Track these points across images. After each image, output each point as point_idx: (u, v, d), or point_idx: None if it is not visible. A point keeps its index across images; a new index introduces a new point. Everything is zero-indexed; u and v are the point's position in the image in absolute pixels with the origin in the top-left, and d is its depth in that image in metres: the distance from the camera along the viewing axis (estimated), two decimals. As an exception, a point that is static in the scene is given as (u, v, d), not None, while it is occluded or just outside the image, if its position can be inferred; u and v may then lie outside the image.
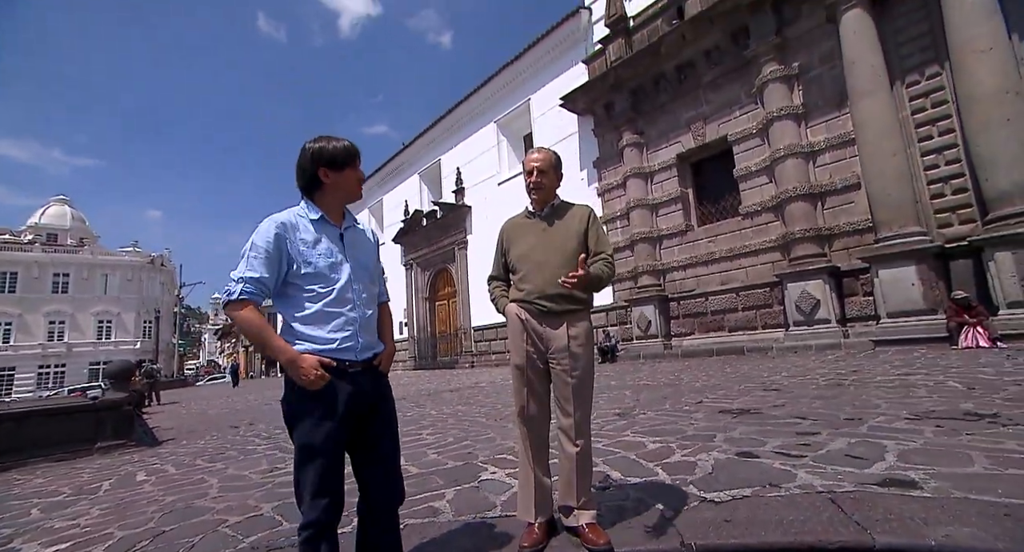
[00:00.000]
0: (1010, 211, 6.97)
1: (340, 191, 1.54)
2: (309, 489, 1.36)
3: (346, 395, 1.42)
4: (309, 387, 1.36)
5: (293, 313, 1.44)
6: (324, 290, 1.45)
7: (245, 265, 1.40)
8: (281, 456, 4.08)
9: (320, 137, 1.54)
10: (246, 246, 1.43)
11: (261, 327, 1.38)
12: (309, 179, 1.51)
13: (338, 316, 1.46)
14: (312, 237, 1.48)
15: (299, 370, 1.35)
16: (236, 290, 1.37)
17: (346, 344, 1.45)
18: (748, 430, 3.18)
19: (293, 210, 1.53)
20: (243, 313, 1.37)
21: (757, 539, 1.62)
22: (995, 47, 7.34)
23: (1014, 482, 1.90)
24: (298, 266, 1.44)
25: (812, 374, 5.64)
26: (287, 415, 1.43)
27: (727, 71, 11.03)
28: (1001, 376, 4.38)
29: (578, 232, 1.91)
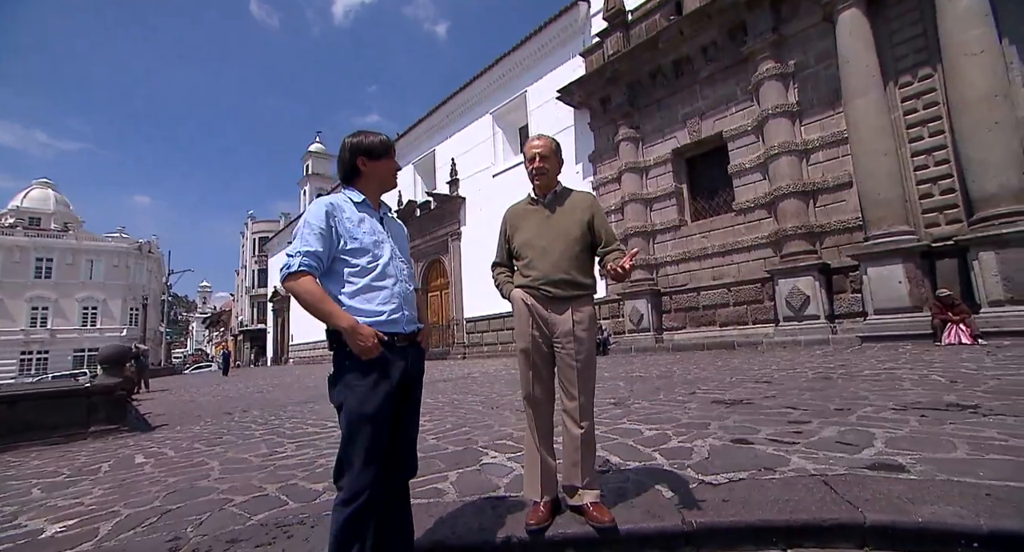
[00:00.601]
0: (995, 212, 7.15)
1: (377, 179, 1.66)
2: (361, 457, 1.41)
3: (398, 368, 1.51)
4: (365, 355, 1.42)
5: (340, 288, 1.51)
6: (370, 265, 1.54)
7: (300, 241, 1.47)
8: (279, 441, 4.11)
9: (358, 132, 1.67)
10: (300, 225, 1.52)
11: (321, 297, 1.44)
12: (349, 168, 1.64)
13: (384, 289, 1.54)
14: (357, 217, 1.58)
15: (358, 337, 1.41)
16: (295, 263, 1.44)
17: (393, 316, 1.53)
18: (741, 419, 3.28)
19: (338, 194, 1.63)
20: (303, 283, 1.43)
21: (755, 517, 1.70)
22: (986, 51, 7.47)
23: (994, 466, 2.00)
24: (345, 241, 1.52)
25: (801, 368, 5.78)
26: (340, 385, 1.47)
27: (723, 67, 11.10)
28: (982, 371, 4.53)
29: (582, 220, 1.96)
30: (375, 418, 1.44)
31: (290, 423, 5.17)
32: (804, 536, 1.66)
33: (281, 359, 36.71)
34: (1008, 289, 6.88)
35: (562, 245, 1.91)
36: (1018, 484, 1.81)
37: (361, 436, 1.42)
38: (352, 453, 1.42)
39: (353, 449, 1.42)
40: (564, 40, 15.67)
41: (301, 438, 4.14)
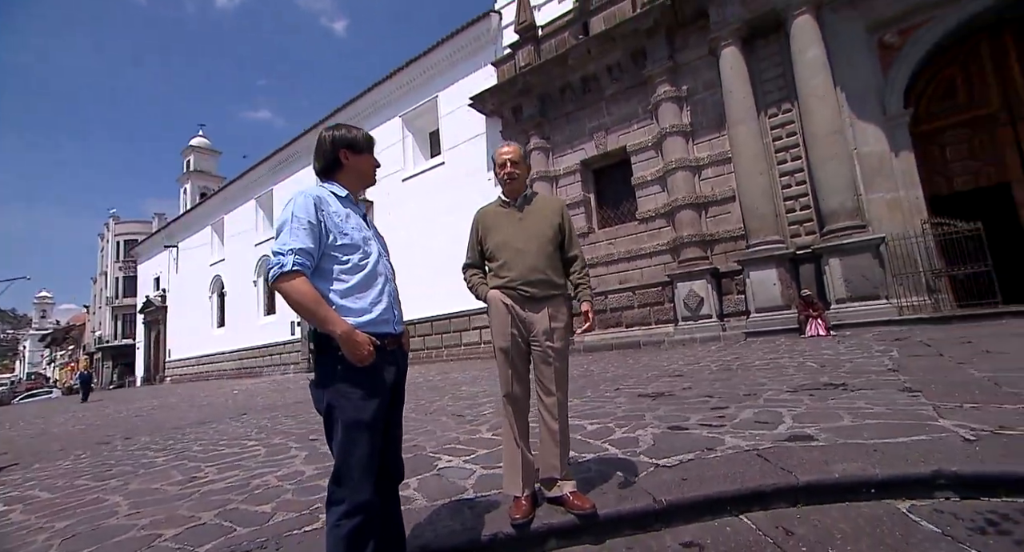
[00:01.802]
0: (838, 226, 8.61)
1: (358, 174, 1.60)
2: (359, 469, 1.35)
3: (390, 372, 1.48)
4: (360, 362, 1.36)
5: (330, 287, 1.43)
6: (361, 261, 1.48)
7: (290, 236, 1.37)
8: (194, 465, 3.68)
9: (338, 125, 1.61)
10: (284, 219, 1.41)
11: (317, 299, 1.35)
12: (331, 161, 1.57)
13: (375, 287, 1.49)
14: (343, 212, 1.51)
15: (355, 344, 1.35)
16: (288, 261, 1.34)
17: (384, 316, 1.49)
18: (669, 409, 3.62)
19: (320, 187, 1.54)
20: (296, 284, 1.34)
21: (712, 490, 1.93)
22: (827, 95, 9.00)
23: (872, 429, 2.46)
24: (334, 237, 1.45)
25: (704, 362, 6.46)
26: (329, 394, 1.39)
27: (627, 87, 12.04)
28: (838, 356, 5.44)
29: (553, 222, 2.08)
30: (372, 426, 1.41)
31: (198, 445, 4.63)
32: (751, 501, 1.92)
33: (155, 378, 32.30)
34: (849, 289, 8.32)
35: (537, 246, 2.01)
36: (892, 440, 2.25)
37: (359, 445, 1.38)
38: (350, 464, 1.37)
39: (351, 459, 1.37)
40: (476, 49, 15.89)
41: (220, 460, 3.75)
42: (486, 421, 4.05)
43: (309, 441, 4.02)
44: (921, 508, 1.82)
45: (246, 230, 24.60)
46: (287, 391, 10.59)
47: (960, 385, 3.32)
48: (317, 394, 1.43)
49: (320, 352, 1.42)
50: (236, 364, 24.49)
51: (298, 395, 9.20)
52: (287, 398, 8.85)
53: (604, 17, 12.32)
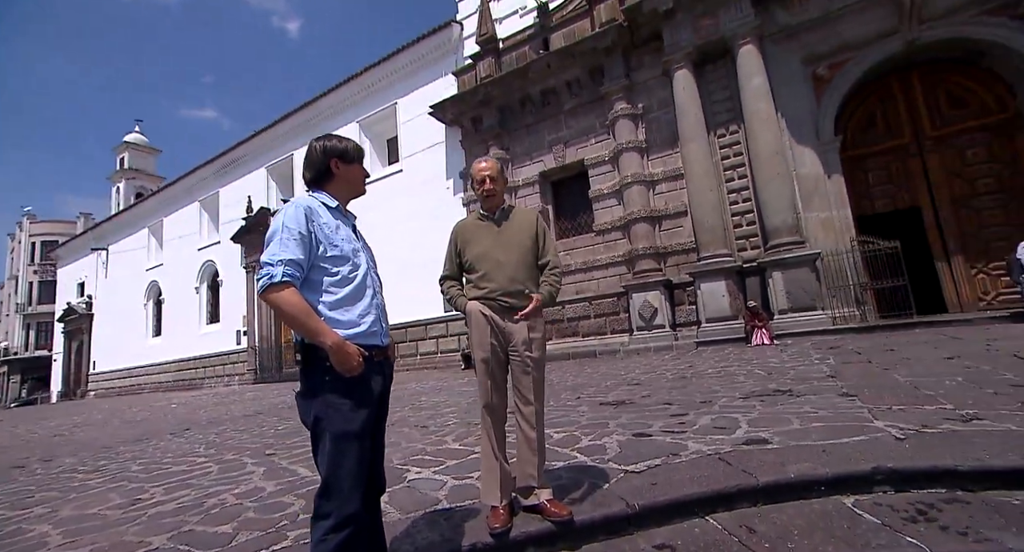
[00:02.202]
0: (780, 242, 9.23)
1: (348, 184, 1.62)
2: (348, 480, 1.35)
3: (377, 383, 1.49)
4: (349, 373, 1.37)
5: (319, 298, 1.43)
6: (351, 275, 1.49)
7: (280, 247, 1.37)
8: (136, 487, 3.43)
9: (328, 135, 1.64)
10: (274, 229, 1.42)
11: (308, 311, 1.35)
12: (322, 170, 1.58)
13: (364, 299, 1.50)
14: (333, 223, 1.52)
15: (345, 355, 1.35)
16: (277, 272, 1.34)
17: (373, 328, 1.50)
18: (631, 417, 3.74)
19: (310, 197, 1.55)
20: (286, 296, 1.34)
21: (681, 493, 2.03)
22: (769, 119, 9.68)
23: (819, 431, 2.66)
24: (324, 248, 1.45)
25: (660, 370, 6.70)
26: (317, 405, 1.38)
27: (585, 102, 12.42)
28: (783, 364, 5.81)
29: (530, 234, 2.15)
30: (361, 436, 1.41)
31: (137, 465, 4.32)
32: (716, 503, 2.03)
33: (76, 393, 29.64)
34: (790, 301, 8.91)
35: (516, 258, 2.07)
36: (837, 441, 2.45)
37: (349, 457, 1.38)
38: (340, 476, 1.36)
39: (341, 471, 1.36)
40: (437, 57, 15.91)
41: (166, 479, 3.52)
42: (451, 432, 4.03)
43: (265, 456, 3.85)
44: (863, 502, 2.00)
45: (189, 234, 23.22)
46: (233, 404, 10.03)
47: (888, 389, 3.64)
48: (304, 405, 1.42)
49: (307, 363, 1.42)
50: (173, 376, 22.92)
51: (246, 408, 8.75)
52: (234, 411, 8.38)
53: (564, 34, 12.70)
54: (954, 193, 9.67)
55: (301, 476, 3.08)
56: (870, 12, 9.53)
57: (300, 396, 1.43)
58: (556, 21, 13.08)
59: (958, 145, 9.73)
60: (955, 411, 2.85)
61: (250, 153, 20.89)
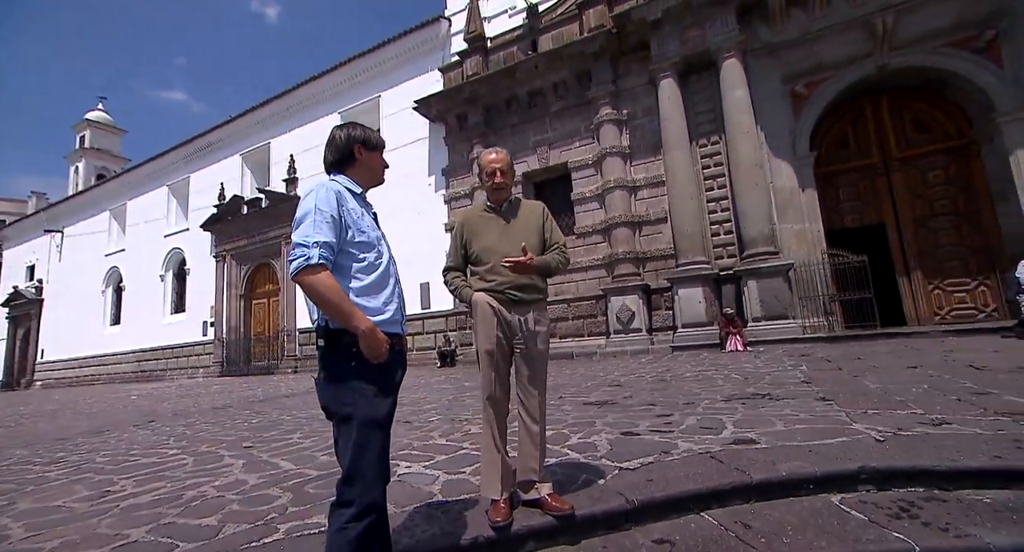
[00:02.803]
0: (756, 251, 9.52)
1: (370, 171, 1.62)
2: (373, 468, 1.35)
3: (399, 372, 1.51)
4: (378, 359, 1.37)
5: (348, 283, 1.42)
6: (376, 261, 1.49)
7: (314, 229, 1.36)
8: (104, 479, 3.26)
9: (351, 123, 1.65)
10: (306, 210, 1.40)
11: (342, 295, 1.34)
12: (345, 154, 1.58)
13: (388, 287, 1.51)
14: (358, 209, 1.52)
15: (377, 341, 1.35)
16: (314, 254, 1.32)
17: (396, 316, 1.50)
18: (617, 416, 3.78)
19: (334, 182, 1.53)
20: (323, 278, 1.32)
21: (677, 490, 2.06)
22: (750, 132, 9.99)
23: (803, 433, 2.76)
24: (352, 233, 1.45)
25: (638, 373, 6.80)
26: (343, 391, 1.37)
27: (571, 105, 12.52)
28: (759, 369, 5.99)
29: (537, 226, 2.15)
30: (385, 424, 1.43)
31: (102, 457, 4.10)
32: (710, 499, 2.07)
33: (20, 383, 28.01)
34: (764, 309, 9.20)
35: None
36: (821, 442, 2.54)
37: (373, 444, 1.38)
38: (364, 463, 1.36)
39: (365, 459, 1.36)
40: (423, 52, 15.77)
41: (137, 471, 3.36)
42: (435, 427, 3.99)
43: (244, 449, 3.72)
44: (849, 499, 2.07)
45: (155, 219, 22.27)
46: (200, 396, 9.66)
47: (862, 394, 3.80)
48: (328, 391, 1.41)
49: (332, 348, 1.41)
50: (133, 367, 21.92)
51: (214, 400, 8.45)
52: (202, 404, 8.08)
53: (552, 36, 12.78)
54: (916, 213, 10.17)
55: (284, 469, 2.99)
56: (846, 35, 9.94)
57: (324, 381, 1.42)
58: (545, 23, 13.15)
59: (920, 167, 10.24)
60: (925, 416, 2.99)
61: (224, 139, 20.22)
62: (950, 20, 9.32)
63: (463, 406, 5.20)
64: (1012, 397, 3.40)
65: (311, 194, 1.43)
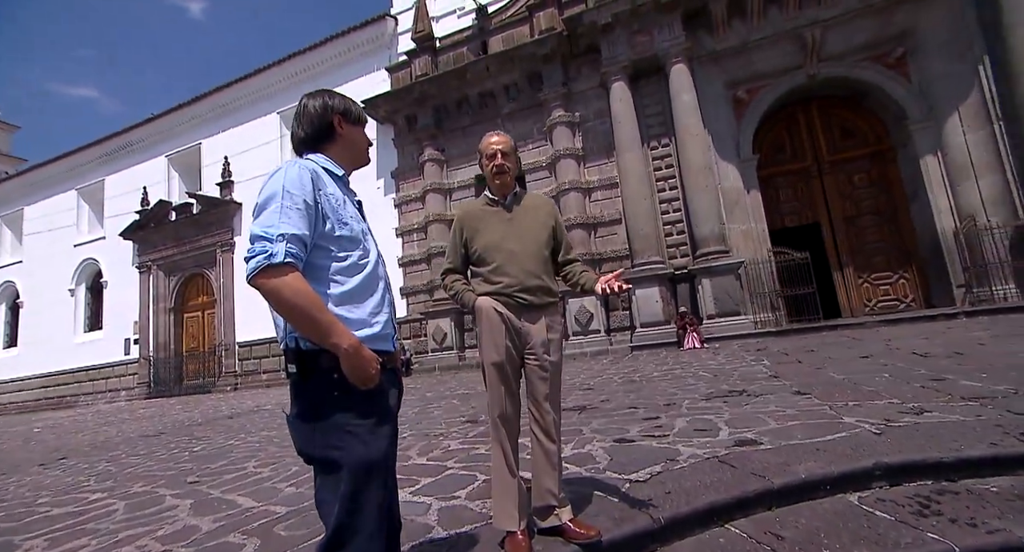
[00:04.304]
0: (708, 250, 9.83)
1: (351, 150, 1.32)
2: (372, 521, 1.06)
3: (393, 398, 1.22)
4: (366, 384, 1.08)
5: (325, 289, 1.12)
6: (362, 260, 1.20)
7: (280, 216, 1.05)
8: (4, 541, 2.70)
9: (325, 91, 1.33)
10: (271, 192, 1.09)
11: (318, 302, 1.04)
12: (322, 128, 1.27)
13: (376, 294, 1.21)
14: (339, 195, 1.22)
15: (364, 361, 1.06)
16: (278, 250, 1.01)
17: (386, 330, 1.21)
18: (602, 422, 3.64)
19: (309, 161, 1.21)
20: (290, 281, 1.01)
21: (702, 502, 1.92)
22: (699, 135, 10.34)
23: (799, 430, 2.72)
24: (332, 225, 1.15)
25: (606, 375, 6.75)
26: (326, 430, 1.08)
27: (523, 107, 12.47)
28: (723, 366, 6.10)
29: (546, 223, 1.95)
30: (383, 466, 1.13)
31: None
32: (733, 509, 1.95)
33: None
34: (717, 306, 9.50)
35: (533, 248, 1.86)
36: (822, 438, 2.51)
37: (371, 494, 1.09)
38: (359, 517, 1.06)
39: (360, 512, 1.07)
40: (369, 51, 15.23)
41: (47, 527, 2.78)
42: (410, 444, 3.68)
43: (189, 485, 3.22)
44: (867, 498, 2.02)
45: (62, 227, 19.99)
46: (125, 423, 8.63)
47: (834, 386, 3.89)
48: (305, 431, 1.10)
49: (307, 375, 1.10)
50: (36, 394, 19.47)
51: (144, 427, 7.55)
52: (127, 431, 7.19)
53: (503, 38, 12.69)
54: (845, 212, 10.93)
55: (244, 508, 2.58)
56: (779, 47, 10.55)
57: (299, 418, 1.11)
58: (495, 25, 13.05)
59: (848, 170, 11.03)
60: (903, 405, 3.06)
61: (146, 139, 18.53)
62: (867, 37, 10.12)
63: (432, 419, 4.90)
64: (966, 382, 3.58)
65: (278, 173, 1.13)
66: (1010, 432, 2.36)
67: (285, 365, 1.14)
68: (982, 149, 9.19)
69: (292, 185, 1.09)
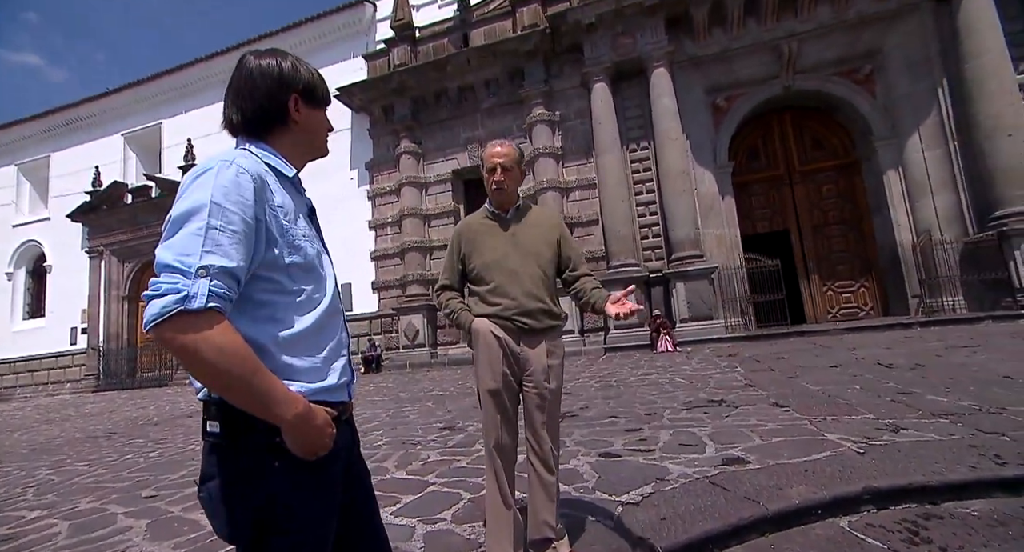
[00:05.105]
0: (683, 255, 9.97)
1: (308, 139, 1.00)
2: None
3: (343, 457, 0.92)
4: (317, 454, 0.82)
5: (267, 331, 0.83)
6: (317, 294, 0.91)
7: (203, 241, 0.74)
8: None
9: (275, 51, 0.98)
10: (196, 205, 0.76)
11: (249, 362, 0.74)
12: (272, 108, 0.93)
13: (335, 334, 0.94)
14: (290, 207, 0.90)
15: (315, 432, 0.80)
16: (198, 291, 0.71)
17: (343, 377, 0.93)
18: (585, 432, 3.59)
19: (248, 155, 0.88)
20: (214, 337, 0.71)
21: (699, 531, 1.87)
22: (677, 139, 10.46)
23: (784, 447, 2.73)
24: (281, 251, 0.85)
25: (581, 378, 6.73)
26: (259, 514, 0.80)
27: (503, 103, 12.32)
28: (698, 372, 6.17)
29: (550, 240, 1.85)
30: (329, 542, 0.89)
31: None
32: (729, 537, 1.91)
33: None
34: (690, 310, 9.66)
35: (534, 269, 1.76)
36: (808, 458, 2.52)
37: None
38: None
39: None
40: (345, 37, 14.75)
41: (-13, 547, 2.53)
42: (386, 455, 3.54)
43: (144, 500, 2.97)
44: (856, 523, 2.02)
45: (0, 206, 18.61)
46: (69, 421, 8.08)
47: (808, 397, 3.96)
48: (226, 512, 0.81)
49: (234, 437, 0.81)
50: (-31, 385, 18.13)
51: (91, 426, 7.07)
52: (72, 431, 6.72)
53: (485, 31, 12.49)
54: (814, 221, 11.28)
55: (208, 530, 2.39)
56: (757, 56, 10.76)
57: (221, 497, 0.81)
58: (477, 17, 12.83)
59: (817, 180, 11.38)
60: (879, 421, 3.12)
61: (99, 115, 17.42)
62: (839, 52, 10.44)
63: (408, 424, 4.75)
64: (932, 396, 3.70)
65: (206, 176, 0.80)
66: (985, 454, 2.42)
67: (203, 421, 0.82)
68: (938, 167, 9.64)
69: (226, 197, 0.77)
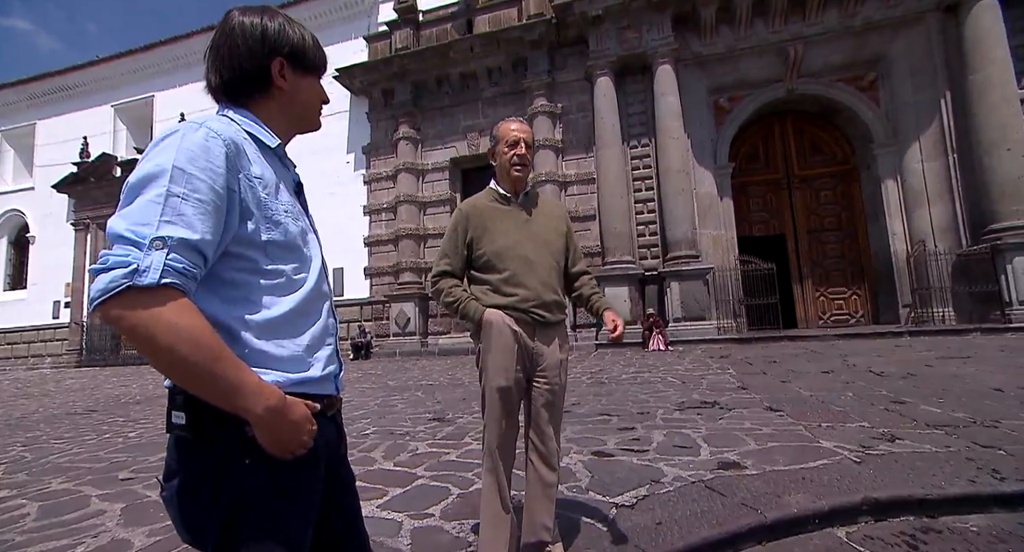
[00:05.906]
0: (679, 254, 9.95)
1: (295, 109, 0.89)
2: None
3: (325, 456, 0.82)
4: (293, 453, 0.73)
5: (240, 314, 0.74)
6: (299, 275, 0.82)
7: (162, 209, 0.65)
8: None
9: (265, 8, 0.87)
10: (155, 170, 0.68)
11: (218, 348, 0.66)
12: (254, 71, 0.83)
13: (317, 320, 0.84)
14: (271, 178, 0.80)
15: (290, 427, 0.72)
16: (151, 264, 0.63)
17: (328, 368, 0.84)
18: (577, 429, 3.53)
19: (224, 120, 0.79)
20: (167, 316, 0.62)
21: (696, 538, 1.82)
22: (679, 139, 10.39)
23: (780, 453, 2.69)
24: (257, 225, 0.76)
25: (573, 373, 6.69)
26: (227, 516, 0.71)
27: (505, 92, 12.17)
28: (690, 372, 6.14)
29: (559, 229, 1.77)
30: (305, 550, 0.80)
31: None
32: (725, 545, 1.86)
33: None
34: (684, 310, 9.65)
35: (547, 258, 1.68)
36: (804, 465, 2.48)
37: None
38: None
39: None
40: (346, 17, 14.46)
41: (-48, 527, 2.42)
42: (374, 444, 3.46)
43: (121, 483, 2.87)
44: (854, 535, 1.98)
45: (-17, 173, 18.15)
46: (47, 396, 7.90)
47: (802, 403, 3.94)
48: (193, 512, 0.72)
49: (200, 429, 0.71)
50: (-55, 356, 17.77)
51: (70, 402, 6.92)
52: (50, 406, 6.56)
53: (490, 18, 12.29)
54: (810, 226, 11.31)
55: (185, 518, 2.30)
56: (763, 58, 10.69)
57: (185, 495, 0.72)
58: (482, 3, 12.61)
59: (815, 186, 11.40)
60: (874, 430, 3.10)
61: (89, 84, 16.97)
62: (845, 58, 10.40)
63: (396, 413, 4.68)
64: (926, 406, 3.69)
65: (170, 139, 0.71)
66: (983, 467, 2.40)
67: (167, 412, 0.73)
68: (936, 178, 9.67)
69: (191, 161, 0.69)
